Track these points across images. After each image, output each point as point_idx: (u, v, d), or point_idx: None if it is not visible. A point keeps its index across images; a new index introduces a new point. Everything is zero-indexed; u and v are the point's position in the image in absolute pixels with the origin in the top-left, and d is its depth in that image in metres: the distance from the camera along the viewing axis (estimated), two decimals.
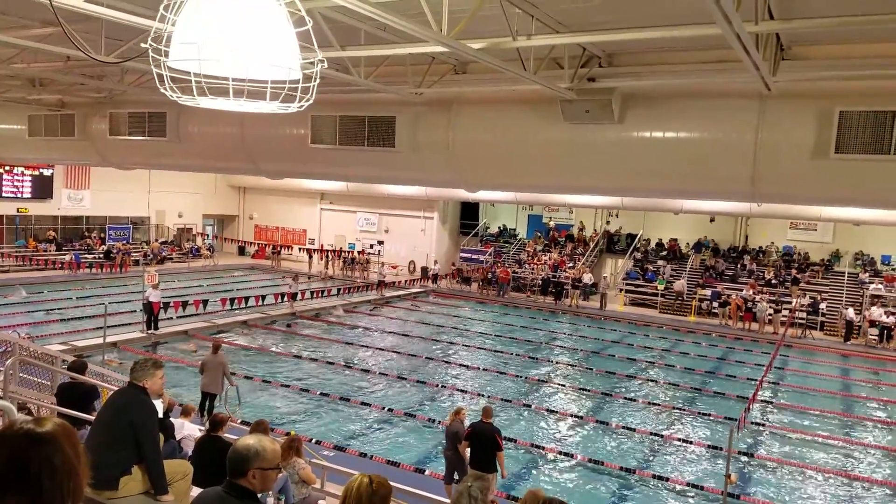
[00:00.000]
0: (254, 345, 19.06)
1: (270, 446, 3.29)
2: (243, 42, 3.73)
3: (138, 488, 4.64)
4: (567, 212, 36.09)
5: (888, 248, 29.51)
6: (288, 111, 4.48)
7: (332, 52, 7.98)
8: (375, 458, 11.16)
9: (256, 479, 3.19)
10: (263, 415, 12.60)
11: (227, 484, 3.22)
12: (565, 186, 12.77)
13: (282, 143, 12.20)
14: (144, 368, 4.82)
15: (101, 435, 4.71)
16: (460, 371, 17.52)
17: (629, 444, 13.06)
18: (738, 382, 17.90)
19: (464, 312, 26.75)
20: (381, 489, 2.91)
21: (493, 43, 7.21)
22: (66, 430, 1.71)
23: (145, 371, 4.80)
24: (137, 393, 4.75)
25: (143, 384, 4.76)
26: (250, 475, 3.17)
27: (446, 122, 10.58)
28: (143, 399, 4.74)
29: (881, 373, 20.79)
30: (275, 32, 3.89)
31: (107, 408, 5.05)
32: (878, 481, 11.86)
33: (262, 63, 3.84)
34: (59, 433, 1.67)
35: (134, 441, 4.55)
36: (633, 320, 26.77)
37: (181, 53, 3.93)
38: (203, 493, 3.52)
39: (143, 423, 4.63)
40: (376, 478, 2.94)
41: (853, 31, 7.61)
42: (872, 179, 8.59)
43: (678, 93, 9.45)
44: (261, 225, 39.45)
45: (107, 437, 4.64)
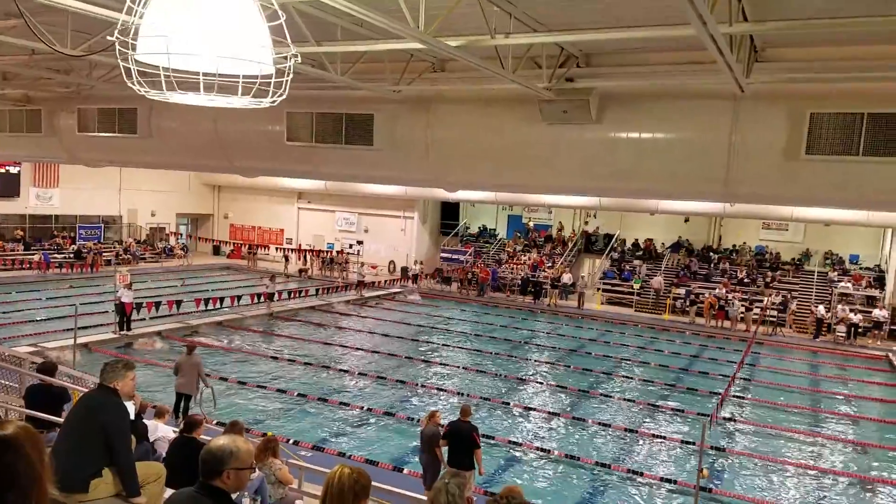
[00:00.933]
0: (229, 345, 18.86)
1: (244, 446, 3.28)
2: (214, 35, 3.68)
3: (109, 490, 4.56)
4: (546, 212, 36.31)
5: (856, 247, 30.22)
6: (260, 106, 4.42)
7: (308, 47, 7.90)
8: (354, 458, 11.13)
9: (231, 479, 3.17)
10: (240, 416, 12.49)
11: (200, 485, 3.19)
12: (543, 186, 12.81)
13: (257, 140, 12.04)
14: (115, 370, 4.74)
15: (70, 437, 4.63)
16: (440, 370, 17.53)
17: (605, 440, 13.19)
18: (711, 379, 18.16)
19: (443, 312, 26.76)
20: (362, 479, 2.95)
21: (471, 40, 7.20)
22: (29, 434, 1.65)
23: (116, 372, 4.72)
24: (108, 394, 4.67)
25: (114, 385, 4.69)
26: (225, 475, 3.14)
27: (425, 121, 10.54)
28: (113, 401, 4.66)
29: (848, 369, 21.23)
30: (246, 26, 3.84)
31: (76, 410, 4.96)
32: (846, 474, 12.10)
33: (232, 57, 3.79)
34: (22, 437, 1.61)
35: (104, 443, 4.49)
36: (609, 319, 27.02)
37: (149, 47, 3.86)
38: (175, 495, 3.47)
39: (113, 425, 4.56)
40: (357, 469, 2.96)
41: (824, 34, 7.73)
42: (841, 180, 8.75)
43: (655, 94, 9.52)
44: (236, 224, 39.02)
45: (76, 439, 4.56)
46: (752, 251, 31.80)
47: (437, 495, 3.80)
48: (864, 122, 8.35)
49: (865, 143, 8.34)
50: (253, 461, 3.39)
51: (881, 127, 8.31)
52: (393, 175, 12.68)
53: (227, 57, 3.88)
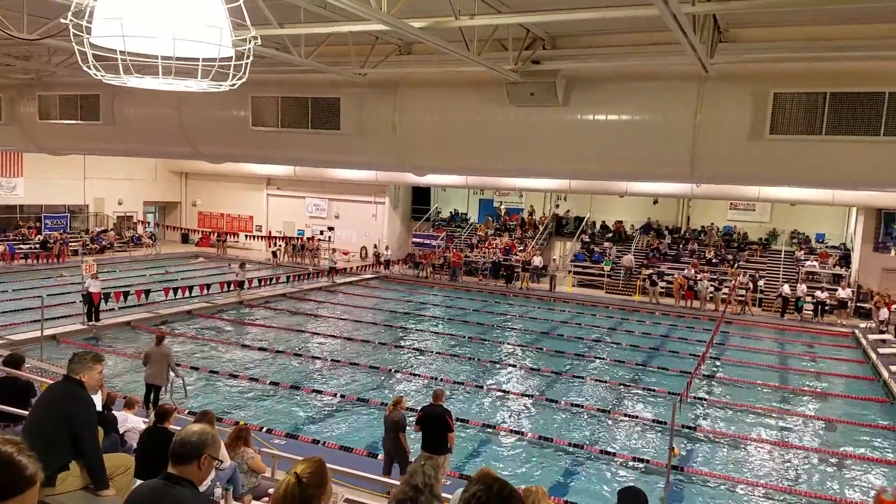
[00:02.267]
0: (200, 335, 18.63)
1: (219, 440, 3.29)
2: (170, 17, 3.59)
3: (77, 483, 4.51)
4: (517, 196, 36.42)
5: (822, 226, 30.88)
6: (220, 90, 4.34)
7: (270, 29, 7.77)
8: (328, 445, 11.10)
9: (205, 466, 3.14)
10: (212, 405, 12.38)
11: (167, 475, 3.13)
12: (512, 169, 12.85)
13: (222, 126, 11.86)
14: (83, 361, 4.66)
15: (35, 430, 4.54)
16: (413, 355, 17.54)
17: (578, 421, 13.34)
18: (681, 358, 18.46)
19: (416, 297, 26.75)
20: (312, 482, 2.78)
21: (436, 22, 7.14)
22: None
23: (83, 364, 4.65)
24: (74, 386, 4.59)
25: (80, 377, 4.61)
26: (202, 460, 3.10)
27: (392, 104, 10.47)
28: (79, 392, 4.58)
29: (816, 346, 21.76)
30: (204, 8, 3.75)
31: (42, 402, 4.89)
32: (815, 449, 12.43)
33: (189, 39, 3.69)
34: None
35: (71, 436, 4.43)
36: (581, 301, 27.28)
37: (104, 29, 3.75)
38: (140, 486, 3.42)
39: (79, 418, 4.49)
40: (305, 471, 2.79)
41: (787, 14, 7.84)
42: (805, 159, 8.91)
43: (620, 75, 9.57)
44: (204, 212, 38.45)
45: (42, 432, 4.48)
46: (720, 231, 32.32)
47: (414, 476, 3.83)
48: (827, 102, 8.50)
49: (828, 123, 8.50)
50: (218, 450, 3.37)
51: (843, 106, 8.47)
52: (361, 159, 12.59)
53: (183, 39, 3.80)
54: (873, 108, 8.37)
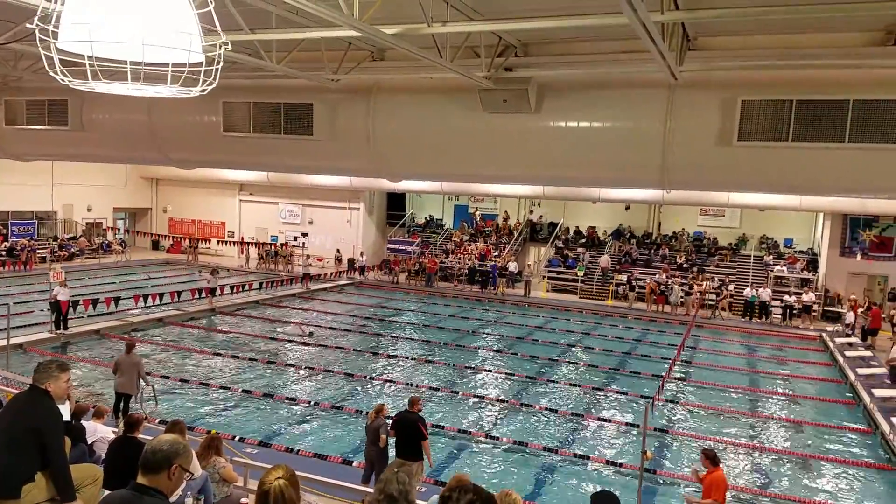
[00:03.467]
0: (171, 342, 18.36)
1: (191, 451, 3.25)
2: (138, 22, 3.55)
3: (42, 495, 4.43)
4: (492, 202, 36.61)
5: (790, 231, 31.57)
6: (190, 95, 4.31)
7: (241, 35, 7.73)
8: (302, 453, 11.00)
9: (175, 476, 3.09)
10: (183, 414, 12.21)
11: (135, 485, 3.09)
12: (485, 175, 12.93)
13: (192, 132, 11.73)
14: (48, 370, 4.59)
15: (1, 441, 4.44)
16: (388, 362, 17.48)
17: (552, 425, 13.40)
18: (654, 362, 18.68)
19: (391, 303, 26.68)
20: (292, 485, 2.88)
21: (408, 28, 7.17)
22: None
23: (48, 373, 4.57)
24: (39, 396, 4.52)
25: (46, 387, 4.54)
26: (173, 469, 3.05)
27: (366, 110, 10.46)
28: (45, 402, 4.51)
29: (784, 349, 22.16)
30: (173, 13, 3.72)
31: (6, 412, 4.79)
32: (783, 451, 12.64)
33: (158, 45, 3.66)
34: None
35: (36, 446, 4.35)
36: (555, 306, 27.46)
37: (71, 34, 3.70)
38: (109, 496, 3.37)
39: (45, 428, 4.41)
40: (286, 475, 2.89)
41: (753, 23, 8.01)
42: (772, 165, 9.10)
43: (592, 83, 9.69)
44: (176, 218, 37.94)
45: (7, 443, 4.39)
46: (691, 237, 32.83)
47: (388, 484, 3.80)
48: (794, 109, 8.69)
49: (795, 130, 8.69)
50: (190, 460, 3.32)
51: (809, 113, 8.68)
52: (334, 165, 12.56)
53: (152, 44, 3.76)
54: (838, 116, 8.59)
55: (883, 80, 8.61)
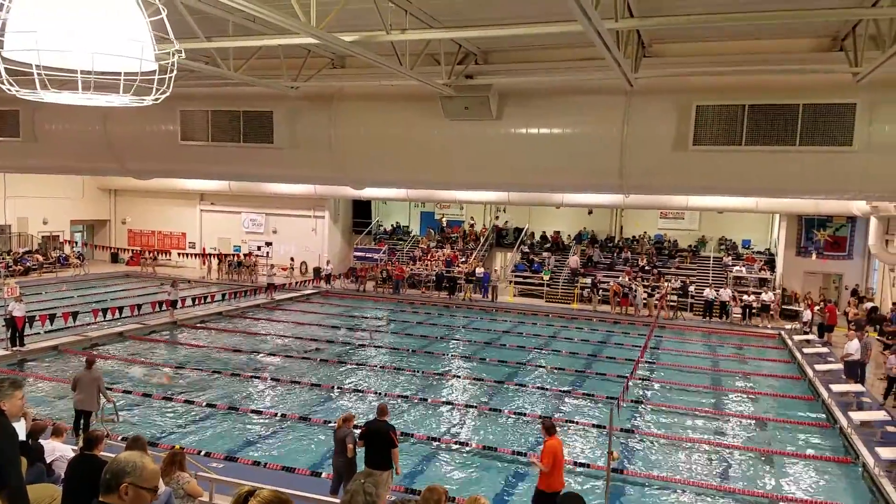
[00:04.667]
0: (132, 357, 17.94)
1: (151, 466, 3.11)
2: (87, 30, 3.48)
3: None
4: (458, 208, 36.73)
5: (748, 233, 32.41)
6: (143, 104, 4.23)
7: (197, 42, 7.63)
8: (269, 466, 10.85)
9: (129, 496, 3.00)
10: (146, 430, 11.95)
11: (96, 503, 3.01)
12: (449, 182, 12.95)
13: (149, 141, 11.50)
14: (1, 388, 4.46)
15: None
16: (356, 371, 17.34)
17: (521, 429, 13.47)
18: (619, 363, 18.91)
19: (358, 312, 26.52)
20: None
21: (367, 36, 7.17)
22: None
23: (2, 391, 4.46)
24: None
25: (0, 406, 4.38)
26: (122, 490, 2.96)
27: (327, 118, 10.40)
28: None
29: (745, 348, 22.66)
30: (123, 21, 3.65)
31: None
32: (746, 448, 12.89)
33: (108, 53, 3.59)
34: None
35: None
36: (522, 310, 27.64)
37: (18, 43, 3.61)
38: None
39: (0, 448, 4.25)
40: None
41: (707, 30, 8.22)
42: (726, 169, 9.32)
43: (552, 90, 9.81)
44: (135, 229, 37.15)
45: None
46: (652, 240, 33.44)
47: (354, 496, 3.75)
48: (746, 114, 8.92)
49: (747, 134, 8.92)
50: (157, 484, 3.21)
51: (761, 118, 8.92)
52: (296, 173, 12.44)
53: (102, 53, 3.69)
54: (789, 120, 8.86)
55: (830, 85, 8.91)
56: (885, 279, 26.03)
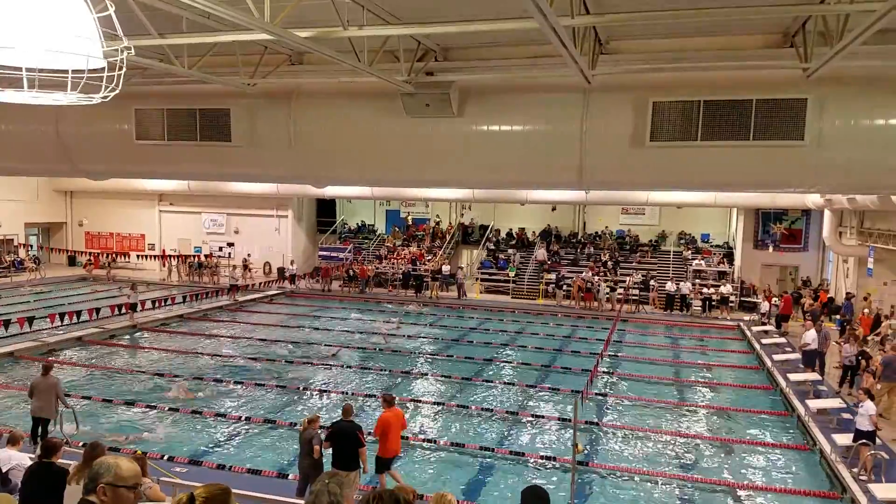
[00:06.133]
0: (91, 362, 17.51)
1: (127, 465, 3.10)
2: (30, 26, 3.37)
3: None
4: (423, 206, 36.71)
5: (707, 227, 33.13)
6: (91, 102, 4.13)
7: (150, 39, 7.46)
8: (235, 469, 10.71)
9: (108, 497, 2.97)
10: (106, 436, 11.68)
11: None
12: (411, 180, 12.96)
13: (103, 141, 11.21)
14: None
15: None
16: (322, 372, 17.21)
17: (488, 425, 13.54)
18: (583, 357, 19.13)
19: (324, 312, 26.31)
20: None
21: (323, 32, 7.10)
22: None
23: None
24: None
25: None
26: (100, 491, 2.95)
27: (287, 115, 10.28)
28: None
29: (706, 339, 23.15)
30: (70, 17, 3.55)
31: None
32: (708, 437, 13.17)
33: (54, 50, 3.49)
34: None
35: None
36: (488, 307, 27.79)
37: None
38: None
39: None
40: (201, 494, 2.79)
41: (663, 27, 8.35)
42: (683, 164, 9.49)
43: (512, 87, 9.86)
44: (93, 232, 36.23)
45: None
46: (614, 235, 33.95)
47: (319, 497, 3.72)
48: (701, 109, 9.09)
49: (703, 129, 9.09)
50: (139, 482, 3.18)
51: (715, 113, 9.10)
52: (255, 172, 12.25)
53: (48, 50, 3.58)
54: (742, 115, 9.06)
55: (782, 81, 9.13)
56: (839, 270, 26.85)
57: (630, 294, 27.89)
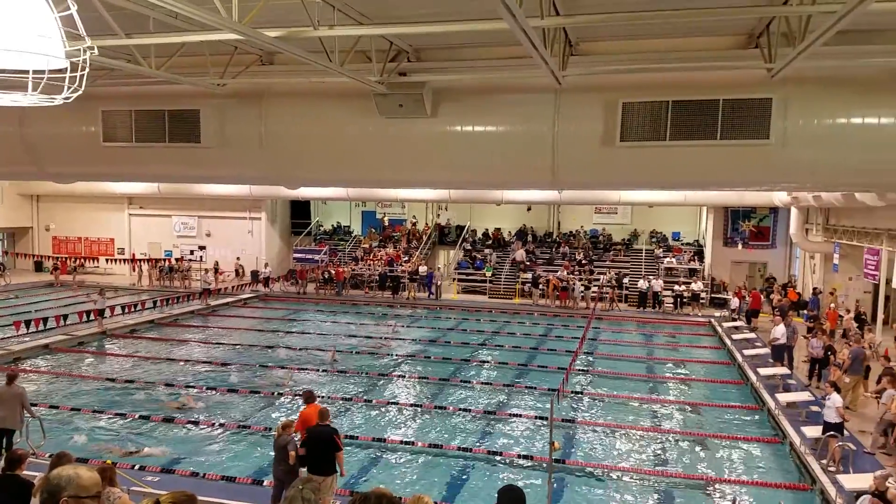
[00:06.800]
0: (59, 370, 17.15)
1: (87, 474, 3.03)
2: None
3: None
4: (400, 206, 36.65)
5: (677, 226, 33.68)
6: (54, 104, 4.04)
7: (116, 39, 7.33)
8: (208, 476, 10.56)
9: None
10: (74, 446, 11.44)
11: None
12: (385, 181, 12.91)
13: (69, 143, 10.98)
14: None
15: None
16: (297, 375, 17.04)
17: (466, 425, 13.55)
18: (559, 355, 19.25)
19: (299, 315, 26.10)
20: None
21: (293, 31, 7.04)
22: None
23: None
24: None
25: None
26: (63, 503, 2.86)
27: (258, 116, 10.17)
28: None
29: (677, 336, 23.47)
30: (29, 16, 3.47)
31: None
32: (682, 432, 13.34)
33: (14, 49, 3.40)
34: None
35: None
36: (465, 307, 27.83)
37: None
38: None
39: None
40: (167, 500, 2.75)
41: (632, 28, 8.44)
42: (653, 163, 9.59)
43: (486, 88, 9.89)
44: (60, 236, 35.50)
45: None
46: (587, 234, 34.30)
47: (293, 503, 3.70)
48: (670, 110, 9.21)
49: (672, 129, 9.21)
50: (99, 490, 3.12)
51: (684, 113, 9.22)
52: (225, 173, 12.08)
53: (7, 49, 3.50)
54: (710, 114, 9.20)
55: (748, 81, 9.30)
56: (807, 266, 27.41)
57: (604, 292, 28.16)
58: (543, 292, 28.60)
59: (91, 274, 33.00)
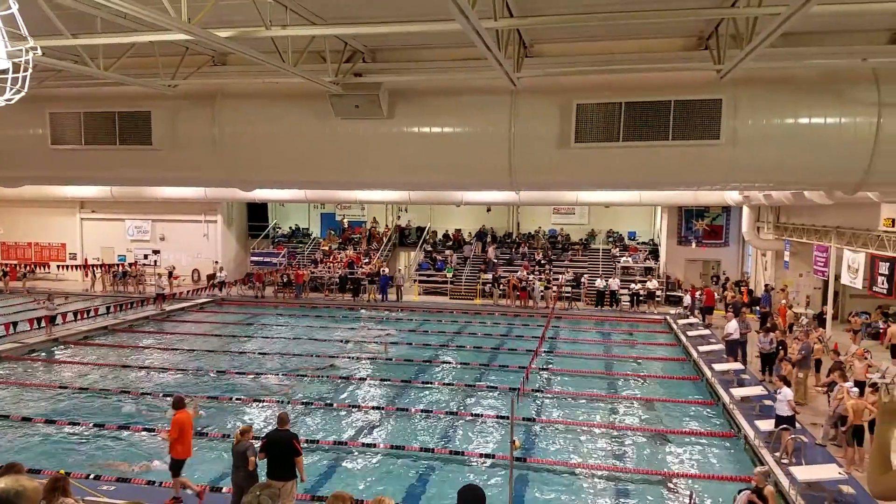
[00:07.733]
0: (7, 379, 16.56)
1: (30, 484, 2.99)
2: None
3: None
4: (359, 208, 36.44)
5: (633, 225, 34.34)
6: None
7: (62, 40, 7.14)
8: (166, 485, 10.34)
9: None
10: (25, 456, 11.08)
11: None
12: (341, 182, 12.83)
13: (16, 146, 10.63)
14: None
15: None
16: (256, 381, 16.80)
17: (428, 426, 13.56)
18: (520, 355, 19.43)
19: (256, 319, 25.74)
20: None
21: (244, 32, 6.96)
22: None
23: None
24: None
25: None
26: None
27: (210, 117, 10.00)
28: None
29: (635, 333, 23.91)
30: None
31: None
32: (640, 429, 13.58)
33: None
34: None
35: None
36: (427, 308, 27.84)
37: None
38: None
39: None
40: None
41: (585, 29, 8.57)
42: (605, 164, 9.75)
43: (442, 89, 9.93)
44: (9, 242, 34.28)
45: None
46: (546, 235, 34.70)
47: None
48: (623, 111, 9.37)
49: (625, 130, 9.37)
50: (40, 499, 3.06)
51: (636, 114, 9.39)
52: (178, 175, 11.83)
53: None
54: (661, 115, 9.39)
55: (698, 82, 9.53)
56: (759, 264, 28.22)
57: (563, 291, 28.51)
58: (504, 292, 28.81)
59: (42, 280, 31.96)
